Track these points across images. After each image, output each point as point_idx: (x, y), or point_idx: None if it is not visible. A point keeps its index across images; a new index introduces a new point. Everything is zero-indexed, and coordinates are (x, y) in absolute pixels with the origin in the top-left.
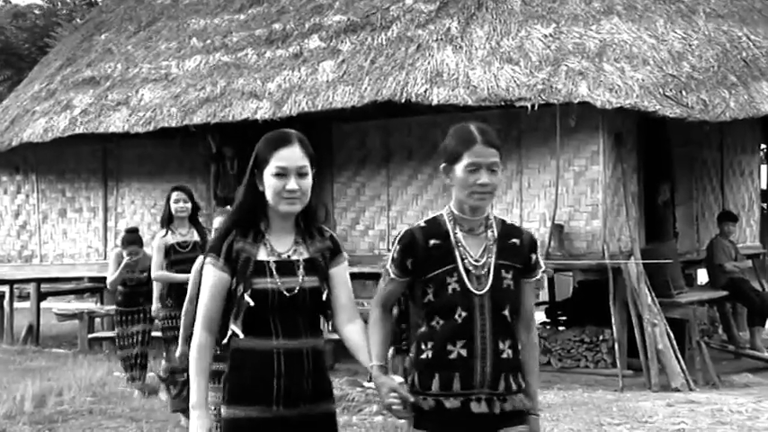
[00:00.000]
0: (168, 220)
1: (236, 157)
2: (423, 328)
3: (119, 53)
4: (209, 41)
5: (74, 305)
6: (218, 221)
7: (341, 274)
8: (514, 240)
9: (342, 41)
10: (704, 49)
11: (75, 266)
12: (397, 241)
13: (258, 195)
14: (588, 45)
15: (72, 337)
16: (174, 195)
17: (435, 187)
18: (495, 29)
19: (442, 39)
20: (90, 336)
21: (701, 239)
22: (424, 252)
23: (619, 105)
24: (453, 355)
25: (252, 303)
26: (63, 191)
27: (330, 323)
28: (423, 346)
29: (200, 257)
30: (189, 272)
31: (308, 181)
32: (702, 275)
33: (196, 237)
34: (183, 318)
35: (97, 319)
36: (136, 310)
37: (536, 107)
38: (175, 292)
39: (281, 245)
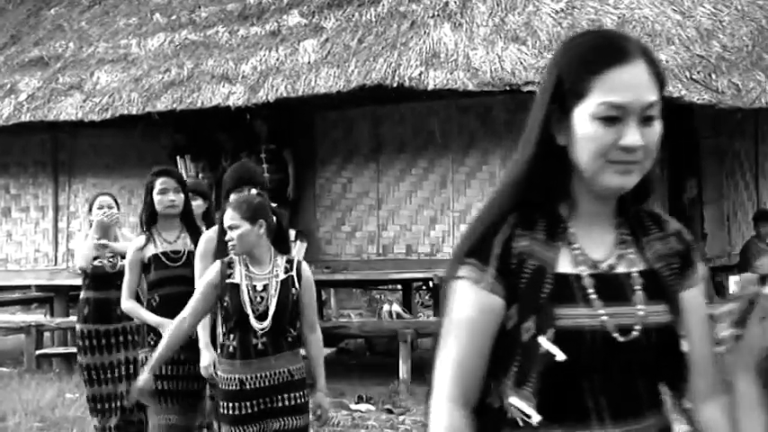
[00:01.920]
0: (149, 221)
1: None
2: None
3: (71, 30)
4: (174, 17)
5: (19, 317)
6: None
7: (697, 303)
8: None
9: (325, 17)
10: (737, 26)
11: (21, 273)
12: None
13: (556, 156)
14: (605, 21)
15: (17, 353)
16: (160, 183)
17: (432, 183)
18: (499, 3)
19: (439, 14)
20: (38, 352)
21: (733, 242)
22: None
23: None
24: None
25: (560, 357)
26: (6, 187)
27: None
28: None
29: (215, 265)
30: (178, 300)
31: (656, 130)
32: (734, 283)
33: (190, 245)
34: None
35: (46, 334)
36: (113, 329)
37: None
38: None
39: (596, 246)
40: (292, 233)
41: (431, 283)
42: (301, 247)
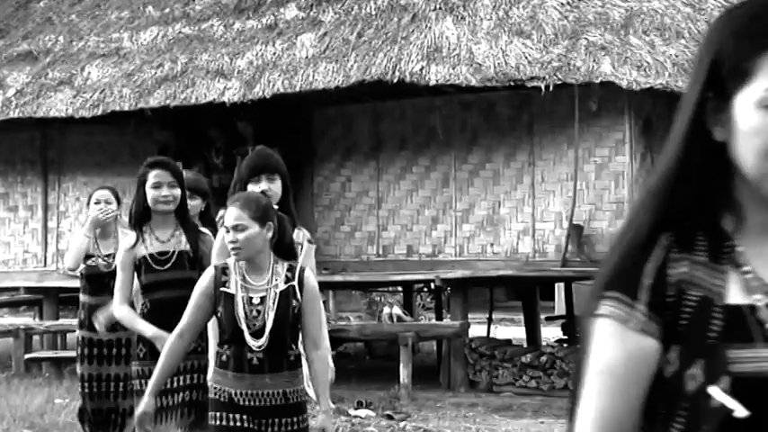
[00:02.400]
0: (140, 218)
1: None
2: None
3: (60, 24)
4: (167, 10)
5: (7, 320)
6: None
7: None
8: None
9: (323, 11)
10: None
11: (10, 275)
12: None
13: (714, 155)
14: (612, 15)
15: (5, 357)
16: (154, 176)
17: (433, 181)
18: None
19: (440, 7)
20: (27, 356)
21: None
22: None
23: (648, 86)
24: None
25: (740, 412)
26: None
27: None
28: None
29: (208, 271)
30: (171, 306)
31: None
32: None
33: (184, 244)
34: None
35: (35, 337)
36: (106, 340)
37: (551, 88)
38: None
39: None
40: (302, 235)
41: (432, 285)
42: (309, 249)
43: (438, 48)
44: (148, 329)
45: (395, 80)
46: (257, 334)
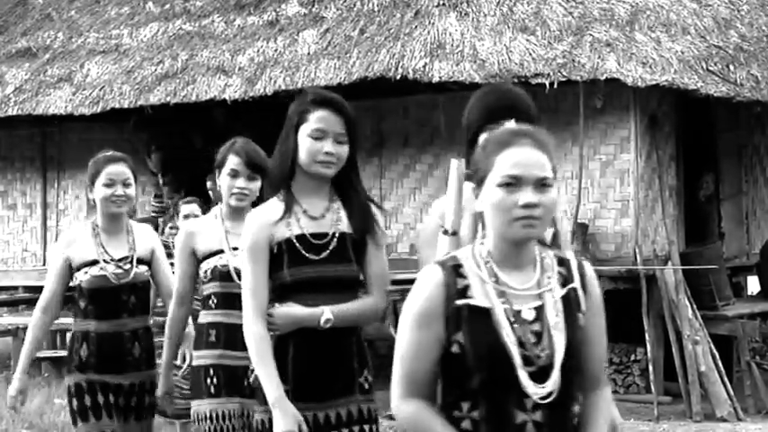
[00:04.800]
0: (284, 179)
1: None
2: None
3: (60, 20)
4: (167, 6)
5: (6, 319)
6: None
7: None
8: None
9: (325, 6)
10: (756, 15)
11: (9, 273)
12: None
13: None
14: (617, 11)
15: (4, 357)
16: (317, 119)
17: (437, 179)
18: None
19: (444, 3)
20: None
21: (752, 241)
22: None
23: (654, 83)
24: None
25: None
26: None
27: None
28: None
29: (430, 274)
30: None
31: None
32: (754, 284)
33: (347, 225)
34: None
35: None
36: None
37: (555, 85)
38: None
39: None
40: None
41: None
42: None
43: (441, 44)
44: (273, 390)
45: (398, 77)
46: (539, 375)
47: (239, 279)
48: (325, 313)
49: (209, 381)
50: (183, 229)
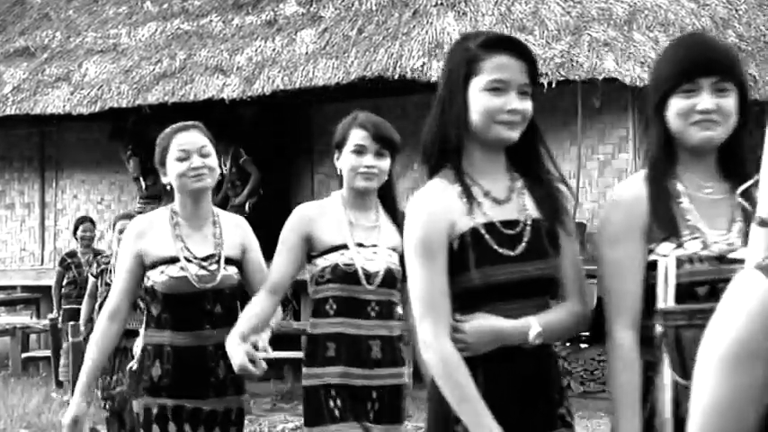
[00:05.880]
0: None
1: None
2: None
3: (58, 19)
4: (165, 6)
5: (4, 319)
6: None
7: None
8: None
9: (323, 6)
10: (753, 14)
11: (6, 273)
12: None
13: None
14: (616, 10)
15: (2, 357)
16: (494, 66)
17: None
18: None
19: (442, 3)
20: (24, 355)
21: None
22: None
23: None
24: None
25: None
26: None
27: None
28: None
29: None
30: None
31: None
32: None
33: (534, 209)
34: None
35: (33, 336)
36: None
37: (553, 84)
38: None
39: None
40: None
41: None
42: None
43: (439, 44)
44: None
45: (396, 76)
46: None
47: (367, 282)
48: (534, 326)
49: (330, 403)
50: (296, 211)
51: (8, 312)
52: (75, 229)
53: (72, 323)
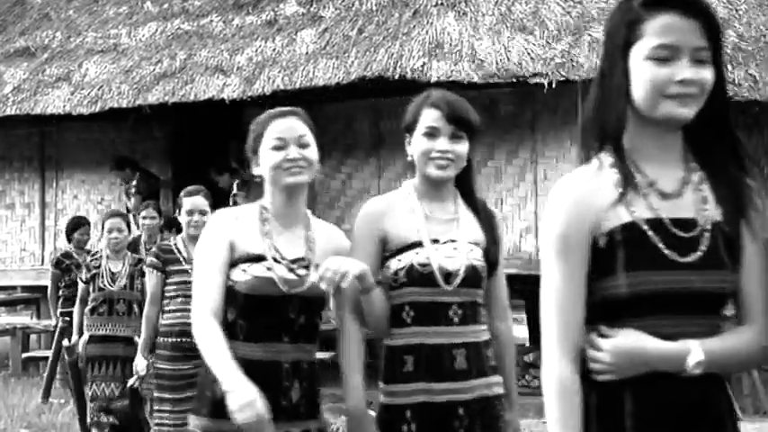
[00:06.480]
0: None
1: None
2: None
3: (58, 19)
4: (165, 6)
5: (5, 319)
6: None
7: None
8: None
9: (324, 6)
10: (754, 14)
11: (7, 273)
12: None
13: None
14: None
15: (2, 357)
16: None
17: None
18: None
19: (442, 3)
20: (24, 355)
21: None
22: None
23: None
24: None
25: None
26: None
27: None
28: None
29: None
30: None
31: None
32: None
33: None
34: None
35: (33, 336)
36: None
37: (554, 84)
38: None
39: None
40: None
41: None
42: None
43: (440, 44)
44: None
45: (396, 76)
46: None
47: (446, 282)
48: (695, 352)
49: (405, 427)
50: (363, 210)
51: (8, 312)
52: (71, 231)
53: (67, 344)
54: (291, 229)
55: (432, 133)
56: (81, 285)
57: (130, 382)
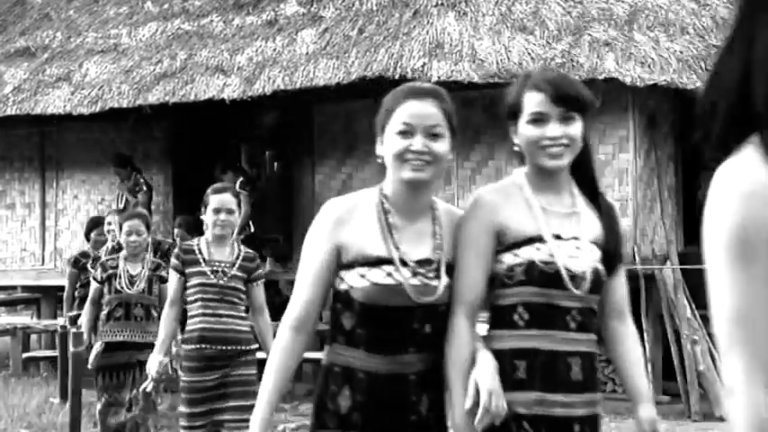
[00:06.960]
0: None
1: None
2: None
3: (58, 19)
4: (166, 6)
5: (5, 319)
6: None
7: None
8: None
9: (324, 6)
10: None
11: (7, 273)
12: None
13: None
14: (616, 10)
15: (3, 357)
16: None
17: None
18: None
19: (442, 3)
20: (25, 355)
21: None
22: None
23: (652, 82)
24: None
25: None
26: None
27: None
28: None
29: None
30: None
31: None
32: None
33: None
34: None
35: (33, 336)
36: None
37: None
38: None
39: None
40: None
41: None
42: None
43: (440, 44)
44: None
45: (396, 76)
46: None
47: (574, 286)
48: None
49: None
50: (478, 201)
51: (8, 312)
52: (89, 230)
53: (74, 331)
54: (415, 223)
55: (539, 119)
56: (93, 285)
57: (143, 385)
